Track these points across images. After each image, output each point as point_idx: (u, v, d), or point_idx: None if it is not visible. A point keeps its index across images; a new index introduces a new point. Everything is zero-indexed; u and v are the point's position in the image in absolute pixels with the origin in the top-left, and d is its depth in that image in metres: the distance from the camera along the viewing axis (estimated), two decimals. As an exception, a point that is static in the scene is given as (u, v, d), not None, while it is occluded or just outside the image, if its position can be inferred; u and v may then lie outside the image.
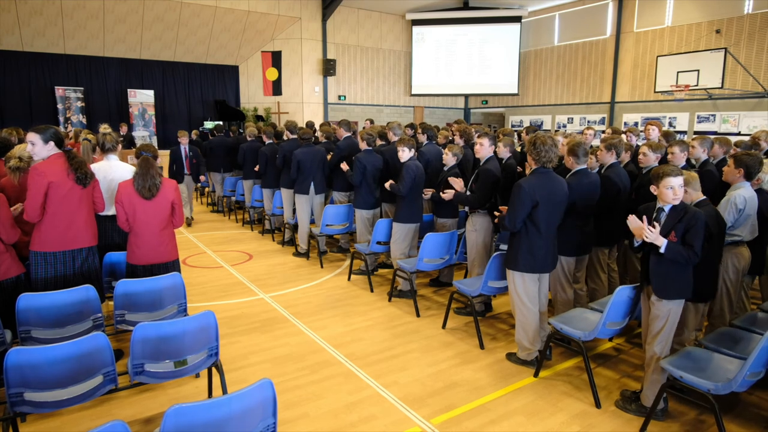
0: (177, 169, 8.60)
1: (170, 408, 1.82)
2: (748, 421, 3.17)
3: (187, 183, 8.68)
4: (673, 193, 3.01)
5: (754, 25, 12.20)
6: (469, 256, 4.85)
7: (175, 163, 8.60)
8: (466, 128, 6.39)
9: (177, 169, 8.60)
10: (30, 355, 2.39)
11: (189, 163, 8.65)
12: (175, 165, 8.59)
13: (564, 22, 16.73)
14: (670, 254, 2.94)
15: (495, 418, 3.16)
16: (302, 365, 3.83)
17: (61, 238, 3.43)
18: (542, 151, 3.56)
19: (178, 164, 8.59)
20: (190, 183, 8.76)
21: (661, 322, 3.08)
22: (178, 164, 8.59)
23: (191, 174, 8.73)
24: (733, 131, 12.50)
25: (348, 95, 18.03)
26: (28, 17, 12.82)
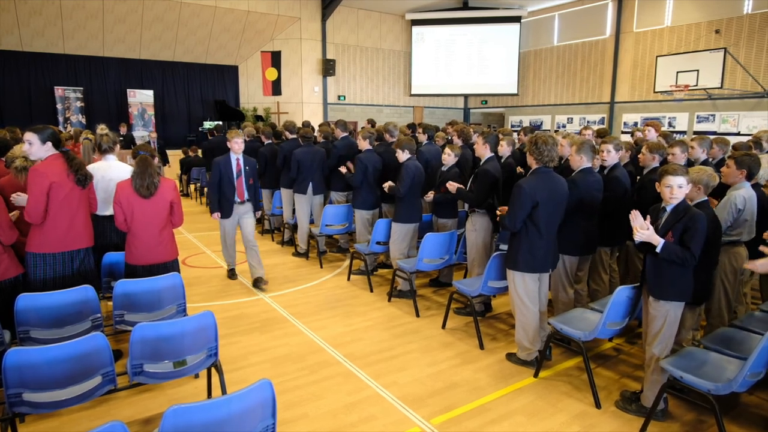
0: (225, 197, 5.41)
1: (169, 408, 1.82)
2: (748, 422, 3.17)
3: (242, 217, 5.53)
4: (670, 192, 3.01)
5: (754, 25, 12.20)
6: (469, 256, 4.84)
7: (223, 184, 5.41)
8: (464, 128, 6.38)
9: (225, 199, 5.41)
10: (29, 356, 2.38)
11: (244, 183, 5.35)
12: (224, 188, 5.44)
13: (563, 22, 16.73)
14: (665, 254, 2.93)
15: (495, 419, 3.16)
16: (302, 365, 3.82)
17: (62, 239, 3.42)
18: (544, 150, 3.56)
19: (227, 187, 5.37)
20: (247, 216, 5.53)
21: (658, 323, 3.08)
22: (227, 187, 5.37)
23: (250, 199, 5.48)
24: (733, 131, 12.50)
25: (347, 95, 18.02)
26: (28, 17, 12.81)
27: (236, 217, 5.48)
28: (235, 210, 5.42)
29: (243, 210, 5.47)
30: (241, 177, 5.31)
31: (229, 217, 5.42)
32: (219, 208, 5.39)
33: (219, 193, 5.37)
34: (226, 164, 5.29)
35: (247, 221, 5.50)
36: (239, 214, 5.48)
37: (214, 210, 5.41)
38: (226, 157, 5.31)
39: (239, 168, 5.32)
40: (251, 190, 5.46)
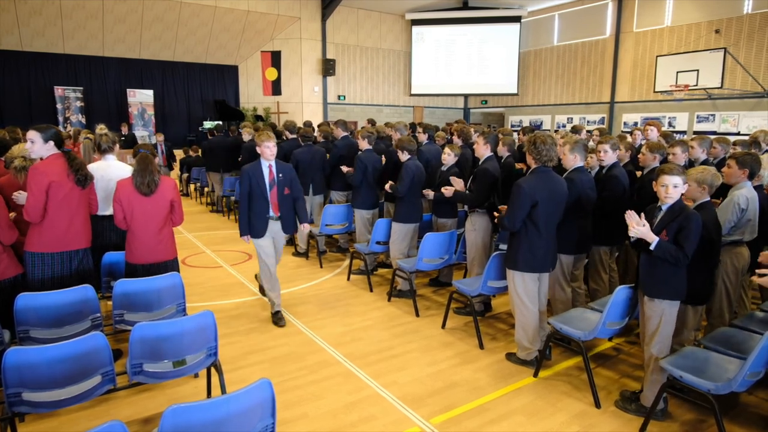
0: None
1: (168, 408, 1.82)
2: (748, 421, 3.17)
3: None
4: (665, 192, 3.02)
5: (754, 25, 12.20)
6: (469, 255, 4.84)
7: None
8: (464, 128, 6.38)
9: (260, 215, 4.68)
10: (28, 355, 2.38)
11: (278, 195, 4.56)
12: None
13: (563, 22, 16.73)
14: (659, 252, 2.95)
15: (495, 418, 3.16)
16: (301, 365, 3.82)
17: (61, 239, 3.42)
18: (542, 150, 3.56)
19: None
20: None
21: (654, 322, 3.09)
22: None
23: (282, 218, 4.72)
24: (733, 131, 12.50)
25: (347, 95, 18.03)
26: (28, 17, 12.81)
27: (271, 236, 4.52)
28: (270, 227, 4.47)
29: (278, 226, 4.55)
30: (275, 187, 4.42)
31: (263, 236, 4.45)
32: (249, 227, 4.42)
33: (249, 209, 4.42)
34: (256, 173, 4.36)
35: (279, 243, 4.63)
36: (274, 231, 4.52)
37: (244, 231, 4.42)
38: (256, 165, 4.40)
39: (272, 177, 4.40)
40: (288, 202, 4.54)
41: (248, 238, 4.42)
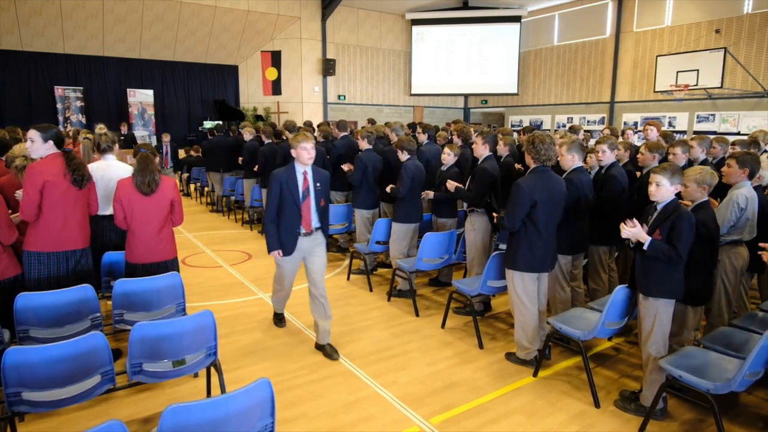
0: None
1: (168, 407, 1.82)
2: (747, 421, 3.17)
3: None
4: (650, 188, 3.09)
5: (754, 24, 12.20)
6: (468, 255, 4.84)
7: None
8: (463, 128, 6.39)
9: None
10: (28, 355, 2.38)
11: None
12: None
13: (563, 22, 16.73)
14: (651, 251, 2.98)
15: (494, 418, 3.16)
16: (301, 365, 3.82)
17: (55, 238, 3.41)
18: (541, 149, 3.56)
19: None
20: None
21: (648, 321, 3.10)
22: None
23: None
24: (733, 131, 12.49)
25: (347, 95, 18.03)
26: (28, 17, 12.81)
27: (300, 255, 3.94)
28: (300, 245, 3.88)
29: (310, 244, 3.92)
30: (309, 198, 3.81)
31: (291, 254, 3.89)
32: (279, 242, 3.86)
33: (278, 221, 3.84)
34: (290, 180, 3.76)
35: (315, 259, 3.97)
36: (304, 250, 3.92)
37: (274, 246, 3.84)
38: (289, 170, 3.80)
39: (307, 185, 3.81)
40: (322, 216, 3.97)
41: (278, 254, 3.84)
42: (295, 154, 3.77)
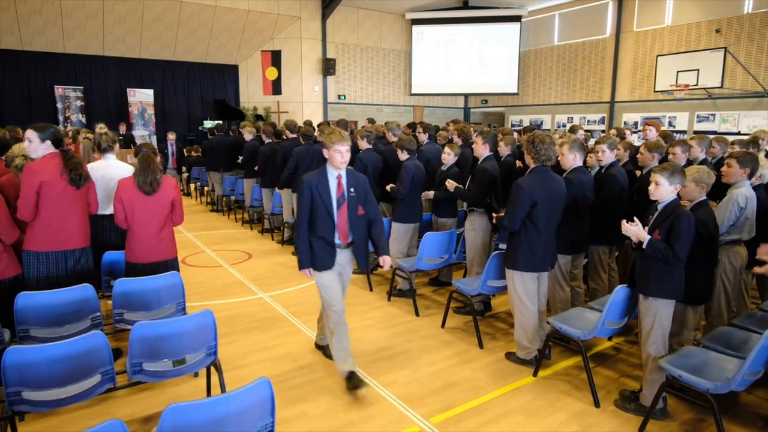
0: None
1: (168, 407, 1.82)
2: (747, 421, 3.17)
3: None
4: (649, 187, 3.10)
5: (754, 24, 12.19)
6: (468, 255, 4.84)
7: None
8: (464, 127, 6.39)
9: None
10: (28, 354, 2.39)
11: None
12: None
13: (564, 22, 16.72)
14: (650, 251, 2.99)
15: (494, 418, 3.16)
16: (301, 364, 3.83)
17: (53, 238, 3.42)
18: (541, 149, 3.56)
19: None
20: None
21: (648, 321, 3.11)
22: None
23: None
24: (733, 131, 12.49)
25: (348, 95, 18.02)
26: (28, 17, 12.81)
27: (338, 269, 3.52)
28: (338, 258, 3.47)
29: (345, 258, 3.53)
30: (345, 205, 3.40)
31: (330, 269, 3.45)
32: (312, 259, 3.42)
33: (310, 233, 3.41)
34: (321, 185, 3.35)
35: (345, 281, 3.64)
36: (342, 264, 3.53)
37: (306, 263, 3.42)
38: (321, 174, 3.39)
39: (341, 191, 3.39)
40: (361, 226, 3.52)
41: (310, 272, 3.45)
42: (328, 156, 3.35)
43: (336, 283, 3.49)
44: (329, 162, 3.38)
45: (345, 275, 3.61)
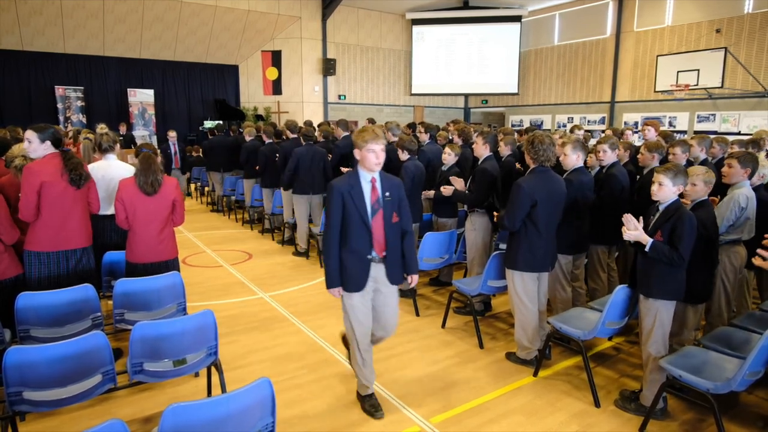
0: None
1: (169, 407, 1.82)
2: (747, 421, 3.17)
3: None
4: (652, 188, 3.09)
5: (755, 24, 12.19)
6: (469, 255, 4.85)
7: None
8: (464, 127, 6.39)
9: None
10: (29, 354, 2.39)
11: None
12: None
13: (564, 22, 16.72)
14: (653, 253, 2.98)
15: (494, 418, 3.16)
16: (301, 364, 3.83)
17: (54, 238, 3.42)
18: (540, 150, 3.56)
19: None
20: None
21: (649, 321, 3.10)
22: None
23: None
24: (733, 131, 12.49)
25: (348, 95, 18.02)
26: (28, 17, 12.81)
27: (372, 288, 3.07)
28: (372, 274, 3.05)
29: (382, 273, 3.08)
30: (380, 212, 3.01)
31: (361, 290, 3.03)
32: (341, 276, 3.02)
33: (341, 244, 3.01)
34: (354, 190, 2.97)
35: (387, 298, 3.12)
36: (377, 280, 3.07)
37: (334, 280, 3.03)
38: (352, 178, 3.01)
39: (376, 196, 3.01)
40: (396, 235, 3.09)
41: (338, 292, 3.05)
42: (359, 157, 2.97)
43: (367, 309, 3.08)
44: (361, 164, 3.00)
45: (386, 295, 3.10)
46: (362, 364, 3.16)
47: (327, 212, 3.03)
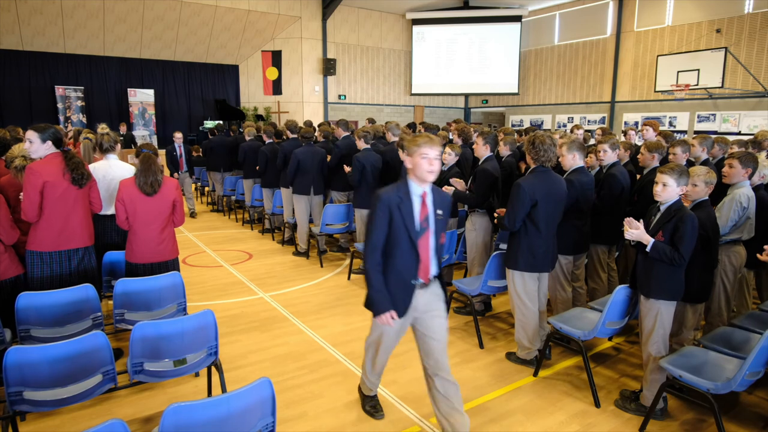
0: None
1: (169, 407, 1.82)
2: (748, 421, 3.17)
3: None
4: (655, 188, 3.09)
5: (755, 24, 12.19)
6: (469, 255, 4.85)
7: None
8: (464, 127, 6.38)
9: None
10: (29, 354, 2.39)
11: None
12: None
13: (564, 22, 16.72)
14: (654, 253, 2.98)
15: (494, 417, 3.16)
16: (302, 364, 3.83)
17: (56, 238, 3.42)
18: (541, 150, 3.56)
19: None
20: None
21: (649, 321, 3.10)
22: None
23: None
24: (734, 131, 12.49)
25: (348, 95, 18.03)
26: (29, 16, 12.82)
27: (411, 316, 2.71)
28: (416, 300, 2.67)
29: (427, 299, 2.71)
30: (429, 232, 2.65)
31: (403, 316, 2.65)
32: (392, 299, 2.62)
33: (386, 265, 2.63)
34: (404, 205, 2.59)
35: (435, 321, 2.72)
36: (420, 309, 2.70)
37: (384, 303, 2.60)
38: (402, 191, 2.62)
39: (425, 213, 2.64)
40: (439, 259, 2.75)
41: (388, 317, 2.61)
42: (411, 164, 2.57)
43: (398, 337, 2.83)
44: (412, 173, 2.59)
45: (435, 317, 2.71)
46: (370, 370, 3.06)
47: (369, 226, 2.62)
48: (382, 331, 2.82)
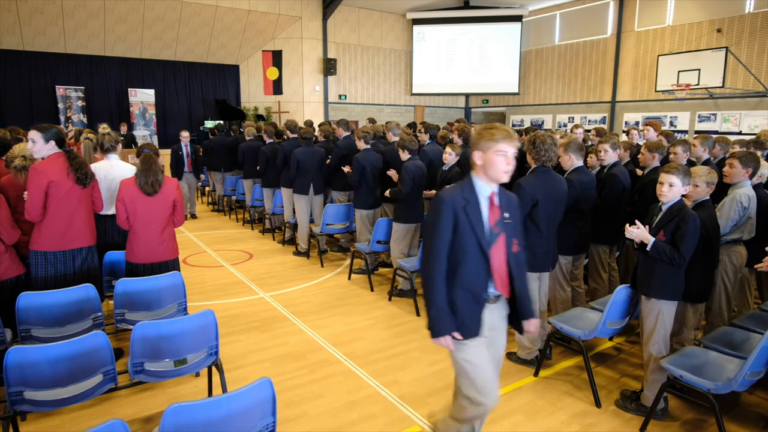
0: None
1: (169, 407, 1.83)
2: (748, 421, 3.17)
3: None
4: (659, 189, 3.08)
5: (755, 24, 12.18)
6: (470, 255, 4.83)
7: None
8: (465, 127, 6.38)
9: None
10: (30, 354, 2.39)
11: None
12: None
13: (565, 22, 16.71)
14: (654, 252, 2.98)
15: (495, 418, 3.16)
16: (302, 364, 3.83)
17: (61, 237, 3.43)
18: (541, 150, 3.56)
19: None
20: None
21: (650, 321, 3.10)
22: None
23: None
24: (734, 131, 12.48)
25: (348, 94, 18.02)
26: (29, 16, 12.82)
27: (490, 335, 2.36)
28: (488, 317, 2.33)
29: (498, 316, 2.40)
30: (502, 238, 2.33)
31: (477, 336, 2.30)
32: (460, 318, 2.28)
33: (449, 282, 2.29)
34: (470, 208, 2.28)
35: (497, 340, 2.43)
36: (494, 327, 2.38)
37: (447, 324, 2.26)
38: (466, 191, 2.31)
39: (495, 217, 2.33)
40: (520, 269, 2.40)
41: (456, 337, 2.27)
42: (482, 161, 2.26)
43: (488, 361, 2.34)
44: (482, 171, 2.28)
45: (497, 346, 2.42)
46: (478, 398, 2.30)
47: (426, 233, 2.32)
48: (470, 365, 2.29)
